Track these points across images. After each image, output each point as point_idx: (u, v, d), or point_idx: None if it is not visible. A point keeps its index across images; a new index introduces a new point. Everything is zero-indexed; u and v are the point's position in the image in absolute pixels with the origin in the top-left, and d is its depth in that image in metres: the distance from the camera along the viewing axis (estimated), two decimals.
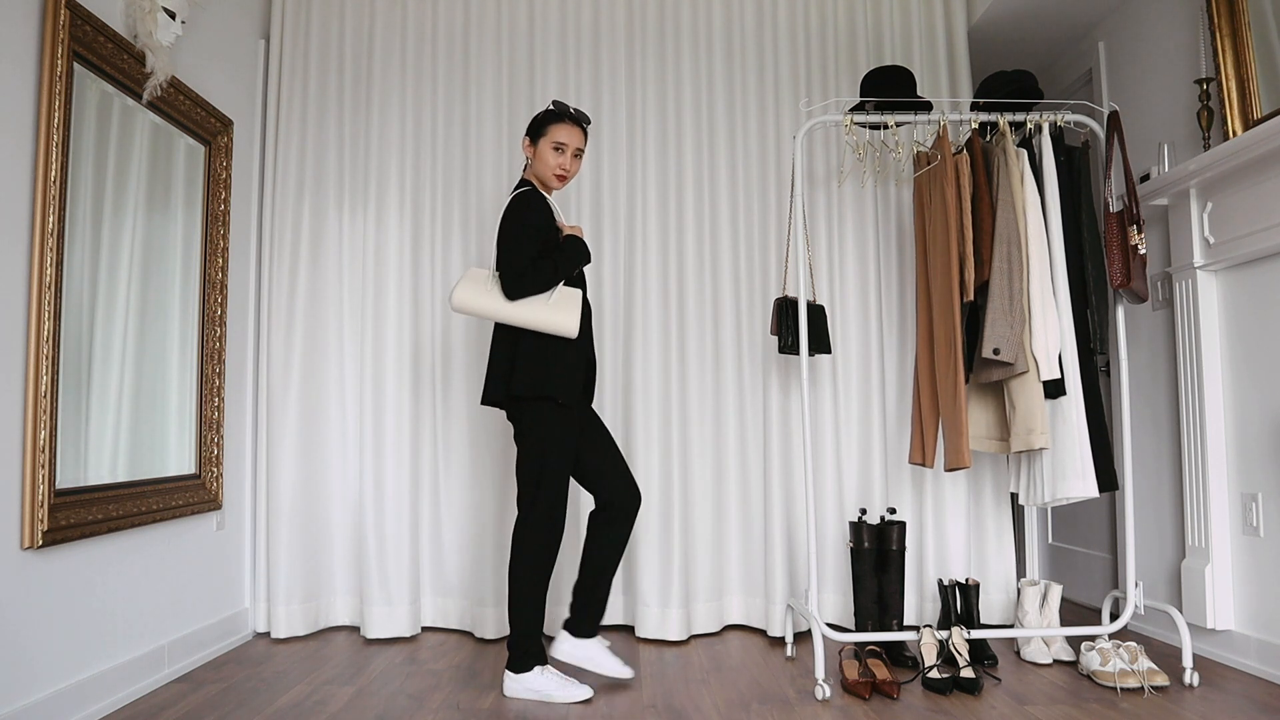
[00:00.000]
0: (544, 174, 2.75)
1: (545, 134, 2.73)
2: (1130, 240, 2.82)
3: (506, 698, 2.61)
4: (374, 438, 3.42)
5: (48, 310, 2.26)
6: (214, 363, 3.12)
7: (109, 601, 2.54)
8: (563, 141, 2.72)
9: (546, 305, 2.59)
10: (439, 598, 3.45)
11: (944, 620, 3.06)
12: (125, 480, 2.63)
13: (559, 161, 2.72)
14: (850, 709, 2.50)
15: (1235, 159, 2.70)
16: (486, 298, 2.60)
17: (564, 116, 2.74)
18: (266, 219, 3.47)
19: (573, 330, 2.59)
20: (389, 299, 3.48)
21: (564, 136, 2.72)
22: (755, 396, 3.48)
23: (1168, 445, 3.23)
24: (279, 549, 3.33)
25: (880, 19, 3.65)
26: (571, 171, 2.75)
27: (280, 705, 2.54)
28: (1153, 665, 2.67)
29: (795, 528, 3.42)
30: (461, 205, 3.53)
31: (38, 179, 2.26)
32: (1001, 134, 2.92)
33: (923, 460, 3.02)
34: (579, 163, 2.78)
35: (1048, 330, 2.80)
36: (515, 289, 2.58)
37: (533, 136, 2.77)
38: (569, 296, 2.62)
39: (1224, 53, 2.86)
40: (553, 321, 2.58)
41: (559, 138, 2.72)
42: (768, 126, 3.56)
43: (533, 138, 2.77)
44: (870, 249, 3.53)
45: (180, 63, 2.93)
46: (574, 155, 2.74)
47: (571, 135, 2.73)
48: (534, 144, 2.76)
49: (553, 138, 2.72)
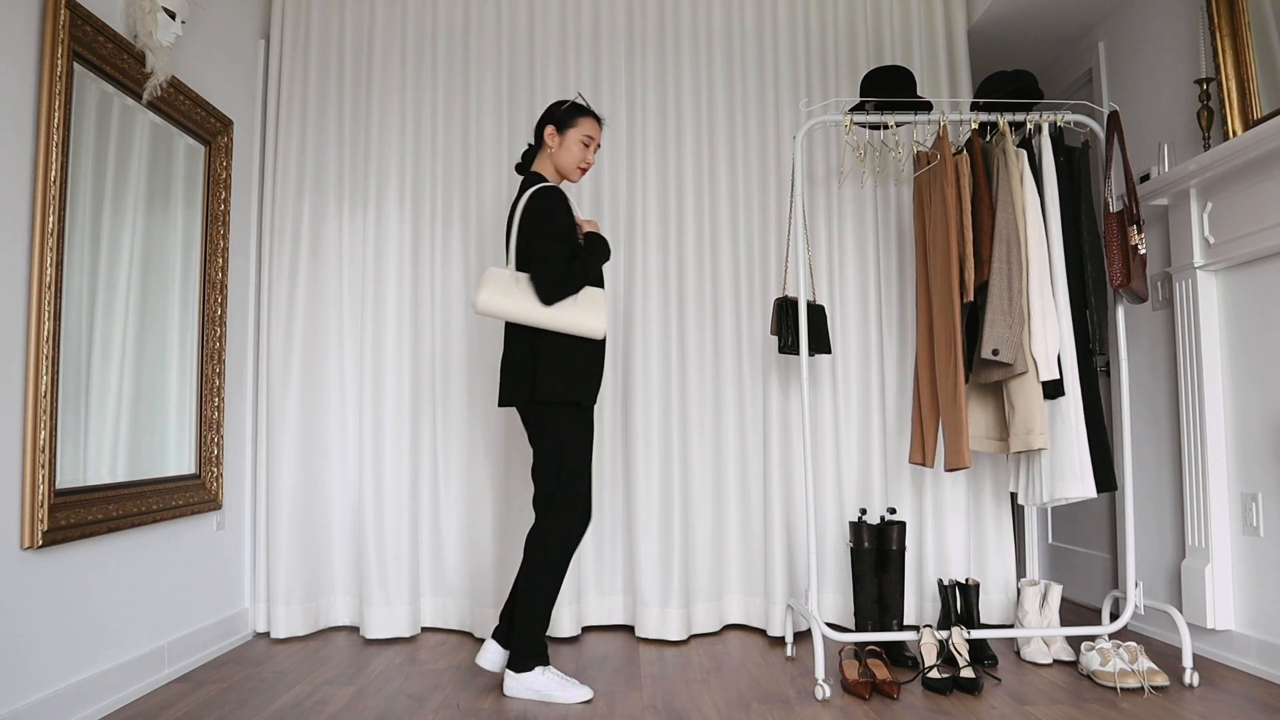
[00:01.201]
0: (567, 166, 2.74)
1: (575, 126, 2.72)
2: (1130, 240, 2.82)
3: (506, 697, 2.61)
4: (374, 437, 3.42)
5: (48, 310, 2.26)
6: (214, 363, 3.12)
7: (109, 601, 2.54)
8: (590, 135, 2.73)
9: (575, 306, 2.57)
10: (439, 598, 3.45)
11: (944, 620, 3.06)
12: (125, 480, 2.63)
13: (584, 155, 2.74)
14: (850, 709, 2.50)
15: (1235, 159, 2.70)
16: (515, 299, 2.56)
17: (589, 111, 2.76)
18: (266, 219, 3.47)
19: (601, 331, 2.58)
20: (389, 298, 3.48)
21: (592, 131, 2.74)
22: (755, 396, 3.48)
23: (1168, 445, 3.23)
24: (279, 549, 3.33)
25: (880, 19, 3.65)
26: (590, 166, 2.78)
27: (280, 705, 2.54)
28: (1153, 665, 2.67)
29: (795, 528, 3.42)
30: (461, 205, 3.53)
31: (38, 179, 2.26)
32: (1001, 134, 2.92)
33: (923, 460, 3.02)
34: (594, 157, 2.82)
35: (1047, 331, 2.80)
36: (552, 294, 2.55)
37: (559, 126, 2.73)
38: (594, 297, 2.60)
39: (1224, 53, 2.86)
40: (581, 323, 2.57)
41: (588, 131, 2.73)
42: (768, 126, 3.57)
43: (559, 127, 2.73)
44: (870, 249, 3.53)
45: (180, 63, 2.93)
46: (595, 149, 2.77)
47: (596, 131, 2.76)
48: (561, 134, 2.73)
49: (583, 130, 2.73)
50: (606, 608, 3.45)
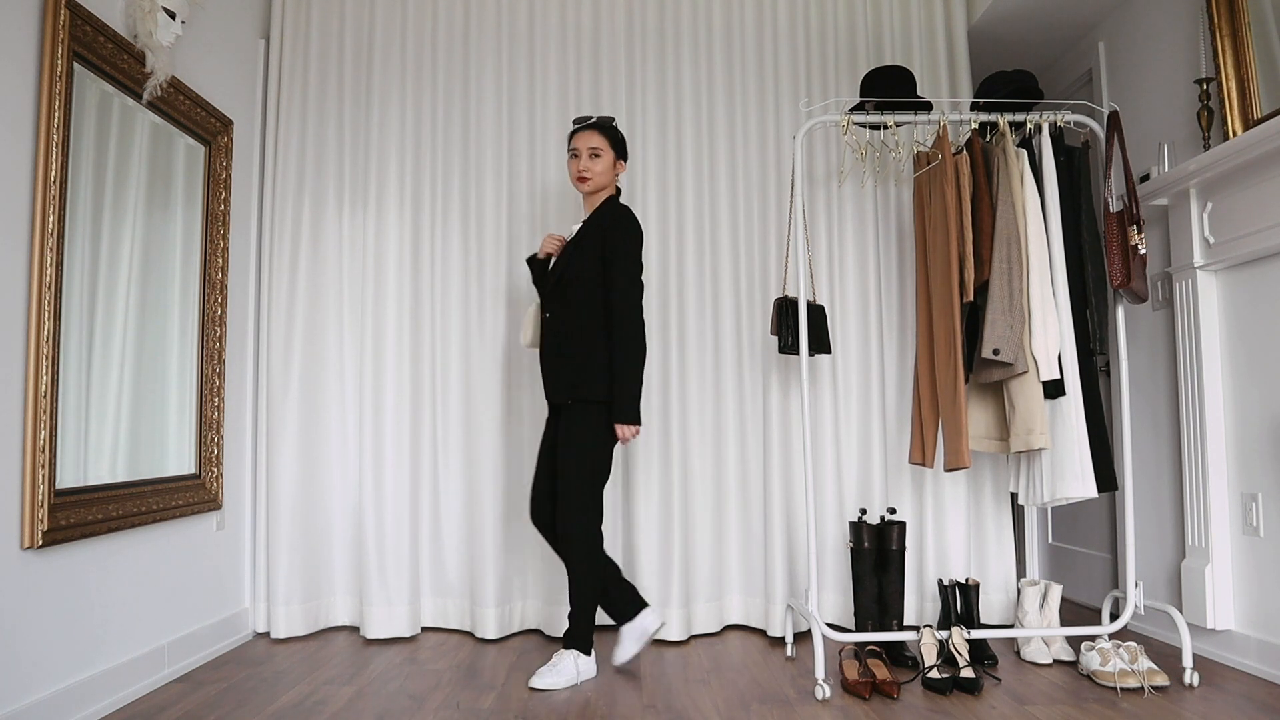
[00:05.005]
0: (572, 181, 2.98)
1: (568, 144, 2.99)
2: (1130, 240, 2.82)
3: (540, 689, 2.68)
4: (374, 437, 3.43)
5: (48, 310, 2.26)
6: (214, 363, 3.12)
7: (109, 601, 2.54)
8: (575, 148, 2.94)
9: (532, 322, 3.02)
10: (439, 598, 3.45)
11: (944, 620, 3.06)
12: (125, 480, 2.63)
13: (574, 167, 2.93)
14: (850, 709, 2.50)
15: (1235, 159, 2.70)
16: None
17: (574, 126, 2.98)
18: (266, 219, 3.47)
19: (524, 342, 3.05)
20: (389, 299, 3.48)
21: (575, 143, 2.94)
22: (755, 396, 3.48)
23: (1168, 445, 3.23)
24: (279, 549, 3.33)
25: (880, 19, 3.65)
26: (593, 170, 2.90)
27: (280, 705, 2.54)
28: (1153, 665, 2.67)
29: (795, 528, 3.42)
30: (461, 205, 3.53)
31: (38, 179, 2.26)
32: (1001, 134, 2.92)
33: (923, 460, 3.02)
34: (599, 161, 2.92)
35: (1047, 330, 2.80)
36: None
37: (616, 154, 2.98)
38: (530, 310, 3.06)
39: (1224, 53, 2.86)
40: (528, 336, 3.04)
41: (571, 145, 2.96)
42: (768, 126, 3.56)
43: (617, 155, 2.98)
44: (870, 249, 3.53)
45: (180, 63, 2.93)
46: (590, 155, 2.91)
47: (579, 140, 2.93)
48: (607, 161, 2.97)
49: (570, 146, 2.96)
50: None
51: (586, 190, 2.92)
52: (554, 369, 2.87)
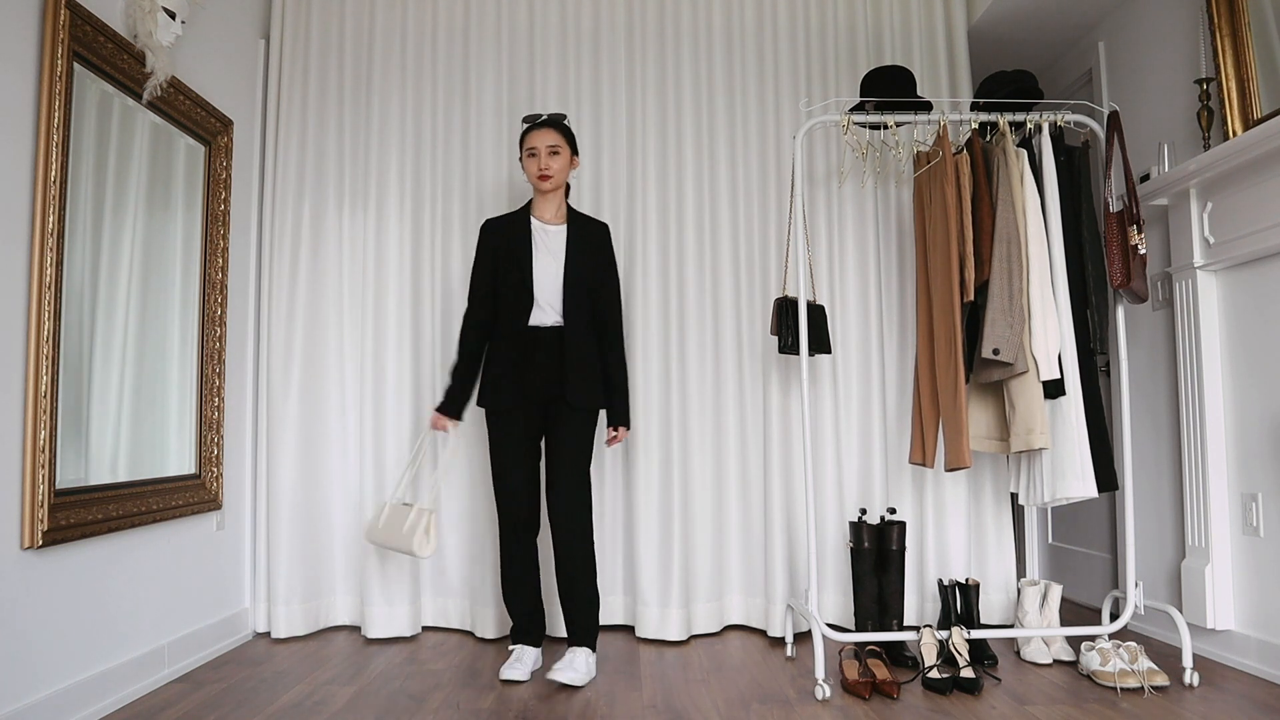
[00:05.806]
0: (529, 181, 2.94)
1: (523, 146, 2.92)
2: (1130, 240, 2.82)
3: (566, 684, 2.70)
4: (374, 437, 3.43)
5: (48, 310, 2.26)
6: (214, 363, 3.12)
7: (109, 601, 2.54)
8: (531, 147, 2.89)
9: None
10: (439, 598, 3.45)
11: (944, 620, 3.06)
12: (125, 480, 2.63)
13: (532, 166, 2.89)
14: (850, 709, 2.50)
15: (1235, 159, 2.70)
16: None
17: (527, 124, 2.94)
18: (266, 219, 3.47)
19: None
20: (389, 298, 3.48)
21: (531, 141, 2.89)
22: (755, 396, 3.48)
23: (1168, 445, 3.23)
24: (279, 549, 3.33)
25: (880, 19, 3.65)
26: (553, 168, 2.88)
27: (280, 705, 2.54)
28: (1153, 665, 2.67)
29: (795, 528, 3.42)
30: (461, 205, 3.53)
31: (38, 179, 2.26)
32: (1001, 134, 2.92)
33: (923, 460, 3.02)
34: (558, 159, 2.89)
35: (1047, 330, 2.80)
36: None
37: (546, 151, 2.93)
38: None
39: (1224, 53, 2.86)
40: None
41: (528, 144, 2.90)
42: (768, 126, 3.56)
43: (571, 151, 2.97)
44: (870, 249, 3.53)
45: (180, 63, 2.93)
46: (549, 153, 2.88)
47: (537, 138, 2.89)
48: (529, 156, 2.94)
49: (525, 145, 2.91)
50: (606, 608, 3.44)
51: (548, 189, 2.91)
52: (576, 373, 2.85)
